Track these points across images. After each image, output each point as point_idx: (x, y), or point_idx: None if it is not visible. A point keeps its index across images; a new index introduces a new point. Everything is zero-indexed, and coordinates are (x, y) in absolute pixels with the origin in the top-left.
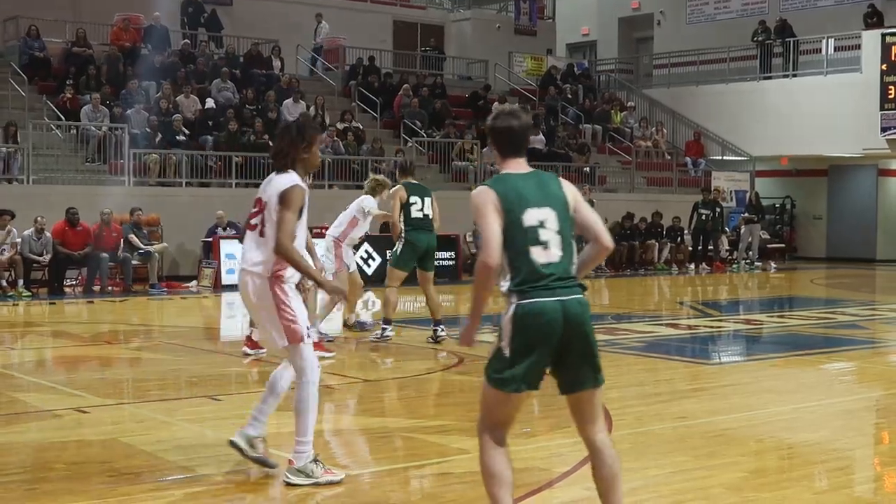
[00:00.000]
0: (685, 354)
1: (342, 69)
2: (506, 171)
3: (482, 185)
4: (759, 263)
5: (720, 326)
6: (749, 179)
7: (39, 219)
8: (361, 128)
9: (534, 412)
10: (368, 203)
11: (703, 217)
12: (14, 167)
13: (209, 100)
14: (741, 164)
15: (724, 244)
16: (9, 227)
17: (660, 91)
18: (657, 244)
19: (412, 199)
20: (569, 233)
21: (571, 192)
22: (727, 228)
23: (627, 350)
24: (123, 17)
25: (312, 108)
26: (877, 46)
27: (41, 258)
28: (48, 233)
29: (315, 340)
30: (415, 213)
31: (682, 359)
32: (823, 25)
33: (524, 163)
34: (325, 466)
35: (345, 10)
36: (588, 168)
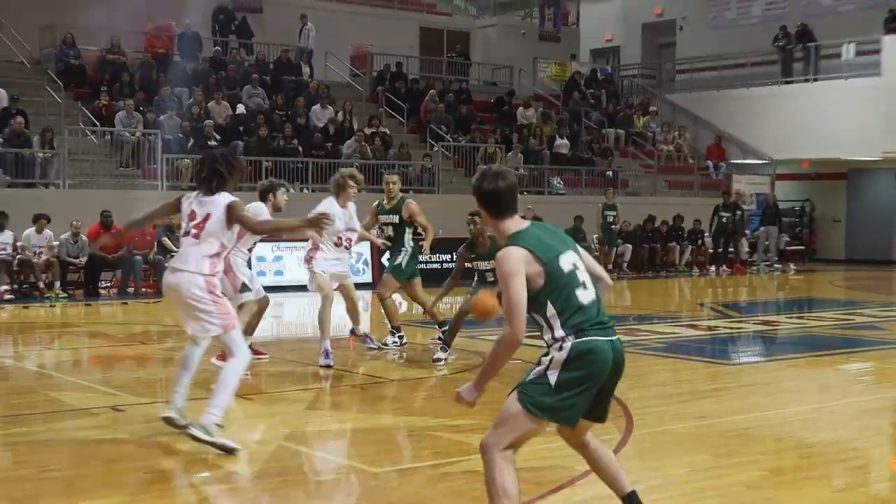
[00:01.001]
0: (705, 355)
1: (369, 75)
2: (513, 229)
3: (505, 249)
4: (779, 265)
5: (740, 327)
6: (769, 183)
7: (75, 222)
8: (389, 133)
9: None
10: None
11: (724, 220)
12: (51, 172)
13: (240, 105)
14: (762, 168)
15: (745, 246)
16: (45, 231)
17: (682, 96)
18: (678, 247)
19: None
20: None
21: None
22: (747, 231)
23: (648, 351)
24: (156, 26)
25: (340, 114)
26: None
27: (77, 261)
28: (84, 236)
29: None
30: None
31: (702, 359)
32: (844, 30)
33: (519, 218)
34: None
35: (372, 17)
36: (611, 171)
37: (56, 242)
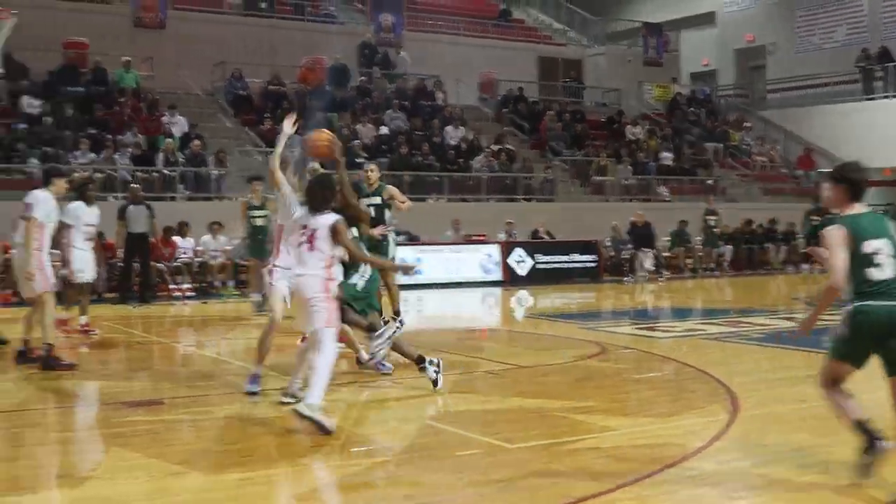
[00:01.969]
0: (801, 344)
1: (495, 99)
2: (849, 213)
3: (833, 226)
4: None
5: (833, 319)
6: None
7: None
8: (513, 149)
9: (669, 396)
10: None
11: (814, 222)
12: (223, 187)
13: (383, 127)
14: None
15: None
16: (220, 237)
17: (773, 112)
18: (774, 247)
19: None
20: None
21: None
22: None
23: (750, 341)
24: (310, 59)
25: (471, 133)
26: None
27: (248, 262)
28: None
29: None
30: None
31: (799, 348)
32: None
33: (860, 205)
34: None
35: (497, 49)
36: (711, 180)
37: (230, 247)
